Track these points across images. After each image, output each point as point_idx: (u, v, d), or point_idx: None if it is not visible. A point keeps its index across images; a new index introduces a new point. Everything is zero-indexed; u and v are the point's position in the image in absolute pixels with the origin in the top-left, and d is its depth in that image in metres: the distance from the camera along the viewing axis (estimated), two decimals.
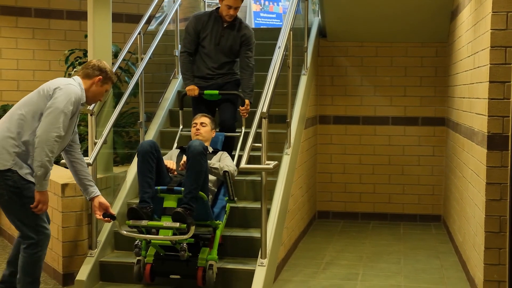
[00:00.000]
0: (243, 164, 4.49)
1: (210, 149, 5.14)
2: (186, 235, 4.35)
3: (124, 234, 4.56)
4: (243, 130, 5.51)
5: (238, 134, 5.54)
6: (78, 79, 4.06)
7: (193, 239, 4.54)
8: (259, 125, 4.71)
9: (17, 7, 7.74)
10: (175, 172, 4.87)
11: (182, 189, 4.49)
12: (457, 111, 6.12)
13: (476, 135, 4.81)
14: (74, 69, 6.90)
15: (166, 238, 4.40)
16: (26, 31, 7.81)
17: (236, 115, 5.57)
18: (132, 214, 4.44)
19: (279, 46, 5.22)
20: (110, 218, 4.20)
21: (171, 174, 4.85)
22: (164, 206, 4.55)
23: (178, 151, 5.19)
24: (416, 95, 7.36)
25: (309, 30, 6.89)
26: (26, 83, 7.71)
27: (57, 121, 3.78)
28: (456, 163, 6.07)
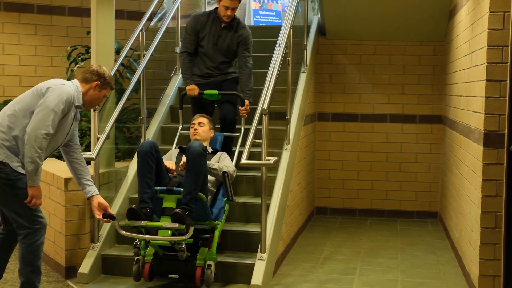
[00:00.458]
0: (243, 160, 4.52)
1: (209, 149, 5.17)
2: (185, 236, 4.37)
3: (123, 234, 4.58)
4: (243, 127, 5.55)
5: (238, 134, 5.57)
6: (76, 82, 4.11)
7: (191, 240, 4.56)
8: (260, 121, 4.76)
9: (19, 3, 7.76)
10: (175, 173, 4.90)
11: (182, 189, 4.51)
12: (454, 109, 6.16)
13: (472, 133, 4.87)
14: (77, 65, 6.94)
15: (165, 238, 4.42)
16: (29, 27, 7.84)
17: (236, 111, 5.59)
18: (131, 214, 4.47)
19: (279, 44, 5.25)
20: (109, 219, 4.23)
21: (170, 175, 4.87)
22: (163, 207, 4.58)
23: (177, 151, 5.22)
24: (414, 93, 7.41)
25: (308, 28, 6.94)
26: (28, 79, 7.73)
27: (46, 118, 3.81)
28: (453, 160, 6.12)
